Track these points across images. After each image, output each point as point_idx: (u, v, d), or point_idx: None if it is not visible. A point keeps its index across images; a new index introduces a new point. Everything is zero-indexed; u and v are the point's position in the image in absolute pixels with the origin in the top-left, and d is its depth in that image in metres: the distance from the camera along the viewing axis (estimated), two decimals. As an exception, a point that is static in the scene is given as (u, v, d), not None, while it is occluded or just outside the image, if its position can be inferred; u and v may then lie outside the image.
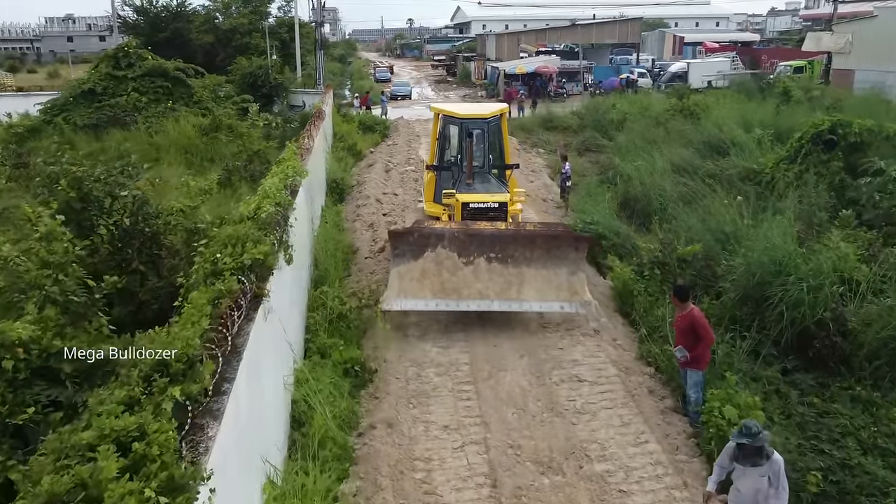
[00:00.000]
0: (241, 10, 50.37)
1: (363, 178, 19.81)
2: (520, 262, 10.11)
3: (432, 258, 10.08)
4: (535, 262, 10.13)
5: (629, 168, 17.92)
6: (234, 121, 20.59)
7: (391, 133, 29.62)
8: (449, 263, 10.07)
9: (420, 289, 9.97)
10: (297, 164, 10.52)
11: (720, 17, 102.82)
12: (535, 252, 10.14)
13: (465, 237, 10.15)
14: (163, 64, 23.05)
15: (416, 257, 10.12)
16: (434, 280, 10.01)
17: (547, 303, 10.03)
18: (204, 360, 4.07)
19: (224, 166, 16.66)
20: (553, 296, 10.03)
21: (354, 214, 16.23)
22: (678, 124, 21.64)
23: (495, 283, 10.02)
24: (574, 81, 47.88)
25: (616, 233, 13.27)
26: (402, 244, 10.23)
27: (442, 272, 10.04)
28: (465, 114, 13.09)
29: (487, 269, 10.08)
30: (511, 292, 10.00)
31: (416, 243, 10.17)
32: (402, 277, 10.06)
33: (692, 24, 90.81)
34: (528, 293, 10.01)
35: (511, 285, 10.02)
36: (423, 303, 9.95)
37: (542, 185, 19.86)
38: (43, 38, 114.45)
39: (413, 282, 10.01)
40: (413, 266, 10.09)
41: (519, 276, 10.07)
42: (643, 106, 28.21)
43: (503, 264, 10.10)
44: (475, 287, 9.98)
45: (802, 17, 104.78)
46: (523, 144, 28.26)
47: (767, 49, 57.45)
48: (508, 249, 10.14)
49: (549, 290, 10.04)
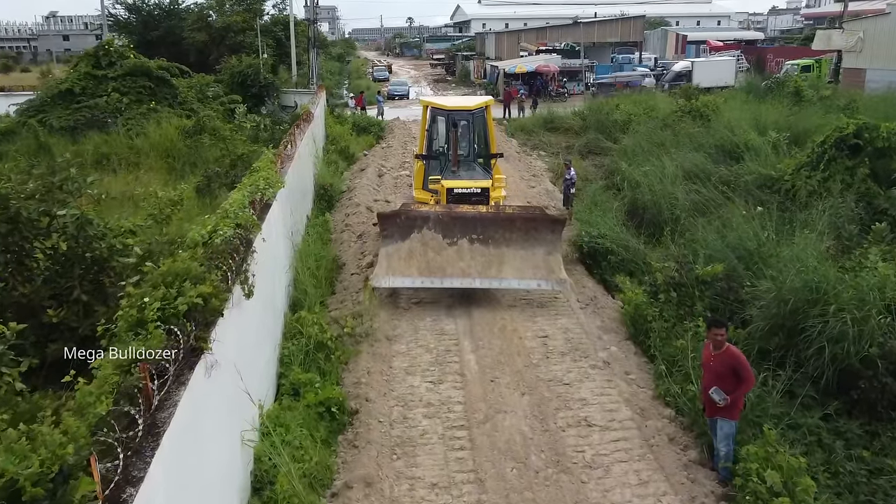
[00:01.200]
0: (235, 8, 49.32)
1: (354, 184, 18.70)
2: (500, 242, 10.76)
3: (419, 239, 10.73)
4: (514, 242, 10.76)
5: (637, 173, 16.83)
6: (217, 123, 19.46)
7: (386, 135, 28.50)
8: (434, 244, 10.71)
9: (407, 267, 10.59)
10: (271, 174, 9.44)
11: (721, 16, 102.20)
12: (514, 233, 10.78)
13: (449, 219, 10.81)
14: (145, 63, 21.94)
15: (404, 238, 10.76)
16: (420, 259, 10.64)
17: (525, 280, 10.63)
18: (91, 464, 2.97)
19: (204, 172, 15.56)
20: (531, 274, 10.62)
21: (343, 224, 15.12)
22: (687, 126, 20.50)
23: (477, 262, 10.66)
24: (575, 81, 46.75)
25: (625, 246, 12.18)
26: (391, 226, 10.88)
27: (427, 252, 10.67)
28: (452, 106, 13.73)
29: (470, 249, 10.72)
30: (492, 271, 10.63)
31: (404, 225, 10.82)
32: (391, 257, 10.67)
33: (693, 23, 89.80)
34: (507, 272, 10.63)
35: (492, 264, 10.66)
36: (409, 280, 10.60)
37: (544, 191, 18.74)
38: (39, 37, 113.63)
39: (401, 261, 10.63)
40: (401, 246, 10.72)
41: (499, 255, 10.71)
42: (648, 107, 27.09)
43: (484, 245, 10.75)
44: (458, 266, 10.61)
45: (804, 15, 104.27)
46: (523, 146, 27.14)
47: (773, 48, 56.31)
48: (489, 231, 10.80)
49: (526, 268, 10.65)
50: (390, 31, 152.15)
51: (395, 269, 10.56)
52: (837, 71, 37.52)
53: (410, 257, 10.64)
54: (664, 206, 14.47)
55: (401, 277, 10.55)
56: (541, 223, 10.90)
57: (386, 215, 11.12)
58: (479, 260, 10.66)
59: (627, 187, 16.89)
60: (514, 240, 10.75)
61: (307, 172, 15.36)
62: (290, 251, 10.55)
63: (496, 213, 11.05)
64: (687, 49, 61.97)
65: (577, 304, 10.85)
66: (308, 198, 15.28)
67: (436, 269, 10.56)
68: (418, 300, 11.00)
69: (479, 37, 67.40)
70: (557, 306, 10.79)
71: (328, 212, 16.12)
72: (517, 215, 11.03)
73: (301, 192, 13.92)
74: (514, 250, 10.70)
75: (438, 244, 10.71)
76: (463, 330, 9.91)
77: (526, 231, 10.78)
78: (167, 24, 51.08)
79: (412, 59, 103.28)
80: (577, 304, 10.85)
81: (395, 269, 10.57)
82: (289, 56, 39.29)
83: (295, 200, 12.14)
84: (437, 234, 10.74)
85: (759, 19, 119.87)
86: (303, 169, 14.42)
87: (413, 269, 10.56)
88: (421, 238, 10.72)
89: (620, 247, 12.08)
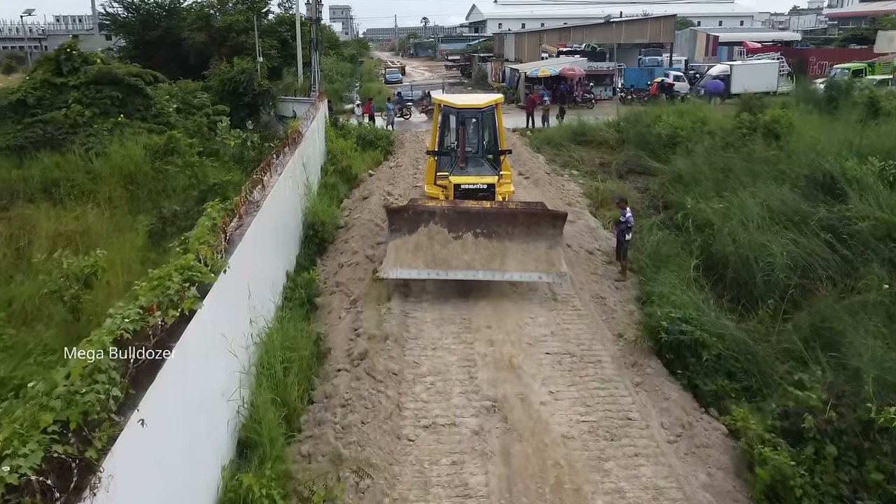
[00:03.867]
0: (238, 7, 46.17)
1: (353, 219, 15.31)
2: (503, 236, 11.07)
3: (425, 232, 11.06)
4: (517, 236, 11.08)
5: (707, 211, 13.36)
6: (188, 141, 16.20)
7: (395, 149, 25.12)
8: (440, 237, 11.04)
9: (414, 259, 10.91)
10: (207, 251, 6.11)
11: (744, 16, 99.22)
12: (517, 228, 11.11)
13: (454, 214, 11.15)
14: (112, 69, 18.68)
15: (411, 231, 11.10)
16: (426, 252, 10.96)
17: (527, 273, 10.89)
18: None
19: (158, 211, 12.31)
20: (532, 266, 10.90)
21: (333, 282, 11.78)
22: (758, 148, 16.90)
23: (481, 255, 10.97)
24: (602, 85, 43.11)
25: (719, 334, 8.67)
26: (399, 220, 11.25)
27: (434, 245, 11.01)
28: (462, 104, 13.92)
29: (474, 242, 11.04)
30: (495, 263, 10.93)
31: (411, 219, 11.17)
32: (399, 249, 11.02)
33: (716, 23, 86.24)
34: (510, 264, 10.93)
35: (495, 257, 10.96)
36: (416, 272, 10.89)
37: (585, 229, 15.23)
38: (48, 37, 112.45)
39: (408, 253, 10.96)
40: (408, 239, 11.07)
41: (502, 249, 11.01)
42: (696, 119, 23.42)
43: (488, 238, 11.07)
44: (463, 258, 10.93)
45: (828, 15, 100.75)
46: (551, 163, 23.68)
47: (814, 49, 52.29)
48: (493, 225, 11.11)
49: (528, 261, 10.94)
50: (404, 32, 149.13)
51: (403, 262, 10.86)
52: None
53: (417, 250, 10.96)
54: (753, 261, 11.01)
55: (408, 269, 10.85)
56: (542, 218, 11.21)
57: (394, 209, 11.55)
58: (483, 253, 10.96)
59: (693, 228, 13.42)
60: (517, 234, 11.07)
61: (289, 214, 12.03)
62: (246, 357, 7.17)
63: (500, 208, 11.36)
64: (718, 50, 58.08)
65: (661, 432, 7.41)
66: (289, 248, 11.95)
67: (441, 261, 10.88)
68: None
69: (498, 37, 63.83)
70: (633, 436, 7.35)
71: (316, 261, 12.79)
72: (520, 210, 11.30)
73: (276, 243, 10.58)
74: (516, 244, 11.02)
75: (444, 238, 11.03)
76: (498, 489, 6.50)
77: (528, 226, 11.11)
78: (167, 23, 48.09)
79: (426, 59, 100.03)
80: (661, 432, 7.41)
81: (402, 261, 10.87)
82: (295, 58, 36.09)
83: (259, 273, 8.78)
84: (443, 228, 11.07)
85: (781, 19, 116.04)
86: (281, 212, 11.09)
87: (420, 261, 10.89)
88: (428, 232, 11.05)
89: (714, 335, 8.60)
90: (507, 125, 19.93)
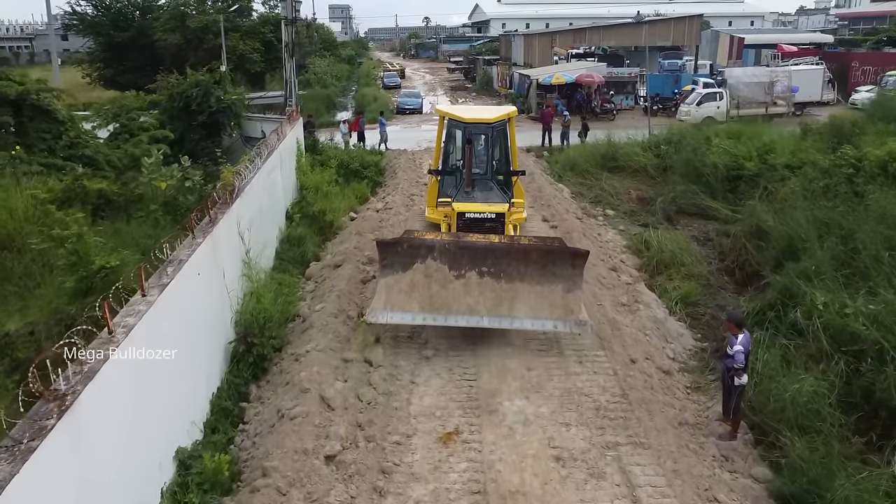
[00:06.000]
0: (216, 6, 41.54)
1: (313, 313, 10.59)
2: (513, 276, 9.70)
3: (422, 270, 9.76)
4: (529, 277, 9.71)
5: (850, 316, 8.71)
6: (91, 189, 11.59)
7: (387, 178, 20.49)
8: (439, 276, 9.71)
9: (408, 301, 9.63)
10: None
11: (755, 16, 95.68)
12: (530, 267, 9.74)
13: (456, 249, 9.86)
14: (6, 87, 14.04)
15: (406, 268, 9.81)
16: (423, 293, 9.67)
17: (540, 320, 9.55)
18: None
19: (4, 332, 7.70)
20: (546, 313, 9.53)
21: (262, 454, 7.10)
22: (880, 198, 12.17)
23: (487, 298, 9.63)
24: (623, 94, 38.43)
25: None
26: (391, 254, 9.96)
27: (431, 285, 9.68)
28: (470, 118, 12.62)
29: (479, 283, 9.70)
30: (503, 308, 9.59)
31: (406, 254, 9.87)
32: (390, 289, 9.74)
33: (725, 23, 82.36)
34: (520, 309, 9.58)
35: (503, 301, 9.61)
36: (410, 316, 9.62)
37: (651, 323, 10.60)
38: (37, 37, 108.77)
39: (401, 294, 9.68)
40: (401, 277, 9.78)
41: (511, 291, 9.65)
42: (761, 142, 18.72)
43: (496, 279, 9.71)
44: (465, 302, 9.60)
45: (837, 15, 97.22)
46: (579, 199, 19.05)
47: (856, 53, 47.47)
48: (501, 263, 9.77)
49: (542, 307, 9.58)
50: (406, 31, 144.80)
51: (395, 304, 9.56)
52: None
53: (412, 290, 9.64)
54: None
55: (400, 312, 9.54)
56: (560, 256, 9.77)
57: (386, 243, 10.20)
58: (489, 296, 9.58)
59: (824, 335, 8.79)
60: (530, 274, 9.66)
61: (211, 328, 7.41)
62: None
63: (510, 244, 9.99)
64: (744, 54, 53.34)
65: None
66: (195, 389, 7.30)
67: (440, 304, 9.55)
68: None
69: (505, 38, 59.02)
70: None
71: (245, 403, 8.16)
72: (534, 247, 9.91)
73: (156, 404, 5.96)
74: (528, 286, 9.62)
75: (444, 276, 9.66)
76: None
77: (543, 265, 9.68)
78: (140, 23, 43.55)
79: (428, 60, 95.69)
80: None
81: (394, 303, 9.57)
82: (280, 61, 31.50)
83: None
84: (442, 265, 9.70)
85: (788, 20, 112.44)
86: (179, 335, 6.45)
87: (414, 303, 9.56)
88: (424, 269, 9.70)
89: None
90: (519, 143, 15.47)
